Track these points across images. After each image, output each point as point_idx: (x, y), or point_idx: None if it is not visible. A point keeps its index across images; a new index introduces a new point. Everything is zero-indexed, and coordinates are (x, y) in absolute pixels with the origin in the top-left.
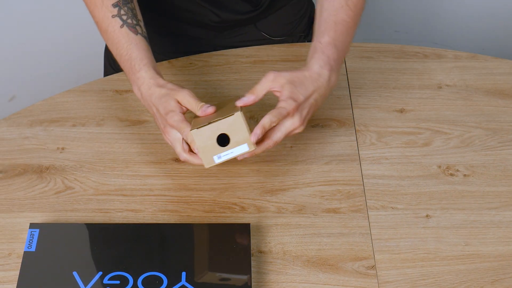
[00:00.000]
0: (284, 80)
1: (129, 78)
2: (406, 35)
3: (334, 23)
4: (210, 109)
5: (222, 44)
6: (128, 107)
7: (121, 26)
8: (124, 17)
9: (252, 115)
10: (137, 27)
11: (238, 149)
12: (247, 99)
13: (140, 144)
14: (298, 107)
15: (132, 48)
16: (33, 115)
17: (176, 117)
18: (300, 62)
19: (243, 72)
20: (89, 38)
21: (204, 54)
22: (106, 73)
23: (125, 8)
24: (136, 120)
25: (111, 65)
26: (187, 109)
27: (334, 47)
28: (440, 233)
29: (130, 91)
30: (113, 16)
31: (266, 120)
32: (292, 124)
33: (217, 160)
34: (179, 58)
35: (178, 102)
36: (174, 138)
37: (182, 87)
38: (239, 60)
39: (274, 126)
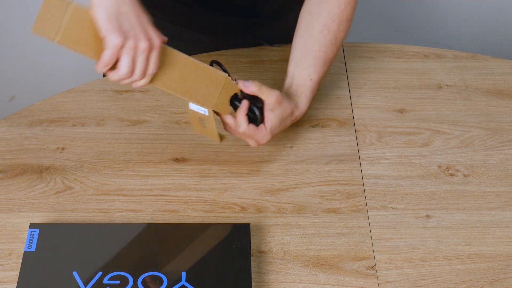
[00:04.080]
0: (277, 113)
1: None
2: (406, 35)
3: (324, 61)
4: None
5: (222, 49)
6: (128, 107)
7: None
8: None
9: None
10: None
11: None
12: (248, 86)
13: (140, 144)
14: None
15: None
16: (33, 115)
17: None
18: None
19: (243, 72)
20: None
21: (204, 54)
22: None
23: None
24: (136, 120)
25: None
26: None
27: (318, 85)
28: (440, 233)
29: (130, 91)
30: None
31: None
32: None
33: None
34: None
35: None
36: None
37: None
38: (239, 60)
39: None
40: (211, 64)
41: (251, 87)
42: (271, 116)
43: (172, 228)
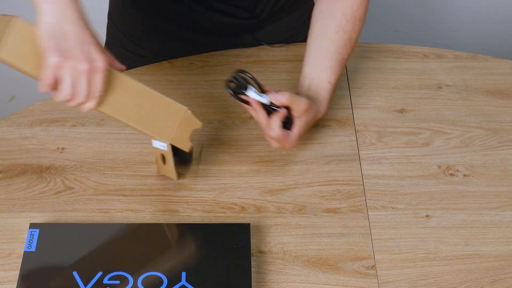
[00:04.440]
0: (304, 120)
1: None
2: (406, 35)
3: (340, 62)
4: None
5: (221, 49)
6: None
7: None
8: None
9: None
10: None
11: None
12: (279, 99)
13: (140, 144)
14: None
15: None
16: (33, 115)
17: None
18: (300, 62)
19: None
20: None
21: (204, 54)
22: None
23: None
24: None
25: None
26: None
27: (332, 85)
28: (440, 233)
29: None
30: None
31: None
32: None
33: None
34: (179, 58)
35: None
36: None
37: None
38: (239, 60)
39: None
40: (237, 75)
41: (282, 100)
42: (299, 123)
43: (172, 228)
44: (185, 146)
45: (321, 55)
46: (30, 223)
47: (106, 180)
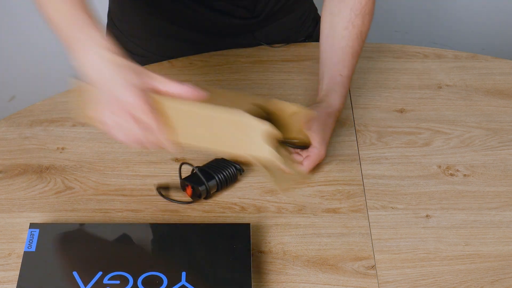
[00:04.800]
0: (316, 128)
1: (73, 42)
2: (406, 35)
3: (352, 55)
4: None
5: (221, 49)
6: None
7: None
8: None
9: None
10: None
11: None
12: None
13: None
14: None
15: (72, 8)
16: (33, 115)
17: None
18: (300, 62)
19: (243, 72)
20: None
21: (204, 54)
22: None
23: None
24: None
25: None
26: None
27: (350, 80)
28: (440, 233)
29: None
30: None
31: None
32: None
33: None
34: (179, 58)
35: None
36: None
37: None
38: (239, 60)
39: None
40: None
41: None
42: (313, 134)
43: (172, 228)
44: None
45: (331, 52)
46: (30, 223)
47: (106, 180)
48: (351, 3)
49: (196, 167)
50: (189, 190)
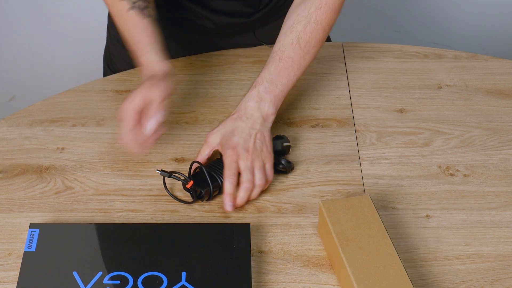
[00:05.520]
0: (218, 136)
1: (137, 65)
2: (406, 35)
3: (279, 58)
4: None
5: (221, 49)
6: None
7: (129, 9)
8: (133, 0)
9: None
10: (146, 10)
11: None
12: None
13: None
14: (237, 148)
15: (139, 33)
16: (33, 115)
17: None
18: None
19: (243, 72)
20: (89, 38)
21: (204, 54)
22: (106, 74)
23: None
24: None
25: (109, 67)
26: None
27: (269, 82)
28: (440, 233)
29: (130, 90)
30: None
31: (228, 189)
32: (244, 164)
33: None
34: (179, 58)
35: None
36: (131, 106)
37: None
38: (239, 60)
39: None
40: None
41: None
42: (222, 144)
43: (172, 228)
44: None
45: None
46: (30, 223)
47: (106, 180)
48: (300, 10)
49: (202, 166)
50: (191, 185)
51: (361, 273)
